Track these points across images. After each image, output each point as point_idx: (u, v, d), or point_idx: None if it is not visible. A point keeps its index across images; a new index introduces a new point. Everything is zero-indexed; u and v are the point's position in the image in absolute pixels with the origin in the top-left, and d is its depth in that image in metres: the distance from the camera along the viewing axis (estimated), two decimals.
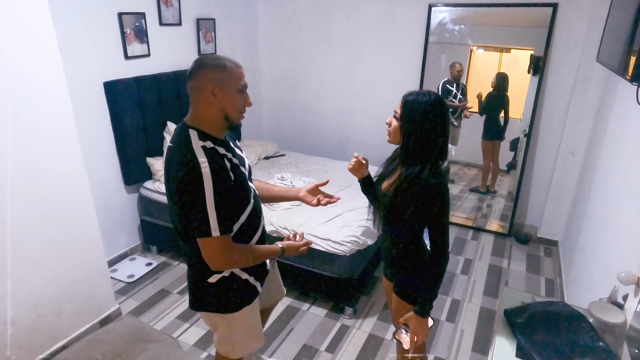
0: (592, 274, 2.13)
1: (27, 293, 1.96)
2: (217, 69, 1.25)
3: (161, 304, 2.66)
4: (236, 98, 1.29)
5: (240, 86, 1.29)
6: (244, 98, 1.32)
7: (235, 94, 1.28)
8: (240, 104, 1.31)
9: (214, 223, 1.23)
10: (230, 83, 1.27)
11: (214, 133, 1.32)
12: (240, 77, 1.29)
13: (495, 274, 3.06)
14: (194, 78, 1.27)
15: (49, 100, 1.91)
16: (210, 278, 1.41)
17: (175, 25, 3.16)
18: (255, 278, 1.51)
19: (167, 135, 3.04)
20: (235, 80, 1.28)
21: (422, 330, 1.44)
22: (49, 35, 1.86)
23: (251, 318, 1.55)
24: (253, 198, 1.44)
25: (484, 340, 2.40)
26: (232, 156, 1.36)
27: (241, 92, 1.30)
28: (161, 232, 3.06)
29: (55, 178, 2.00)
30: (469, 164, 3.92)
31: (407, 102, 1.37)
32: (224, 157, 1.31)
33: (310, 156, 3.88)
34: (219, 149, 1.30)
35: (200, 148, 1.24)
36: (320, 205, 1.67)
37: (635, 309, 1.22)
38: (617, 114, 2.31)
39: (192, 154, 1.22)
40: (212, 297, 1.44)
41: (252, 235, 1.45)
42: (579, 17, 2.95)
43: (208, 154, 1.24)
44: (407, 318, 1.46)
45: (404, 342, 1.45)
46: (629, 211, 1.73)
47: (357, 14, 3.67)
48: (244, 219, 1.39)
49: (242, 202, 1.38)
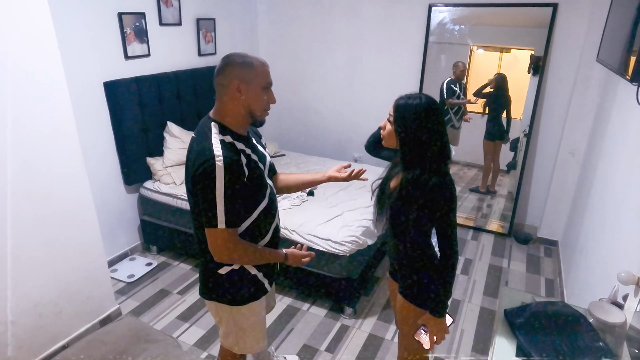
0: (592, 274, 2.13)
1: (27, 293, 1.96)
2: (244, 66, 1.29)
3: (161, 304, 2.66)
4: (261, 95, 1.33)
5: (265, 84, 1.32)
6: (268, 95, 1.35)
7: (260, 91, 1.32)
8: (265, 101, 1.35)
9: (221, 215, 1.26)
10: (256, 80, 1.30)
11: (235, 128, 1.35)
12: (266, 75, 1.33)
13: (495, 274, 3.06)
14: (221, 74, 1.30)
15: (49, 100, 1.91)
16: (221, 269, 1.44)
17: (175, 25, 3.16)
18: (264, 275, 1.52)
19: (167, 135, 3.04)
20: (261, 77, 1.31)
21: (441, 330, 1.44)
22: (49, 35, 1.86)
23: (256, 315, 1.56)
24: (269, 195, 1.45)
25: (484, 340, 2.40)
26: (252, 152, 1.38)
27: (266, 89, 1.33)
28: (161, 232, 3.07)
29: (55, 178, 2.00)
30: (469, 164, 3.92)
31: (398, 106, 1.36)
32: (242, 152, 1.33)
33: (310, 156, 3.88)
34: (237, 143, 1.33)
35: (218, 142, 1.28)
36: (353, 179, 1.68)
37: (635, 309, 1.22)
38: (617, 114, 2.31)
39: (210, 146, 1.26)
40: (220, 288, 1.47)
41: (266, 232, 1.47)
42: (579, 17, 2.95)
43: (225, 148, 1.27)
44: (424, 319, 1.46)
45: (424, 343, 1.45)
46: (629, 211, 1.73)
47: (357, 14, 3.67)
48: (257, 215, 1.41)
49: (256, 197, 1.39)
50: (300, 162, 3.67)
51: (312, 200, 2.90)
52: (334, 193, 3.03)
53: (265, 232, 1.47)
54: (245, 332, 1.57)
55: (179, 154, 3.03)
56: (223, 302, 1.49)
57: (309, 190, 3.00)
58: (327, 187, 3.13)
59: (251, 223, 1.39)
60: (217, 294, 1.49)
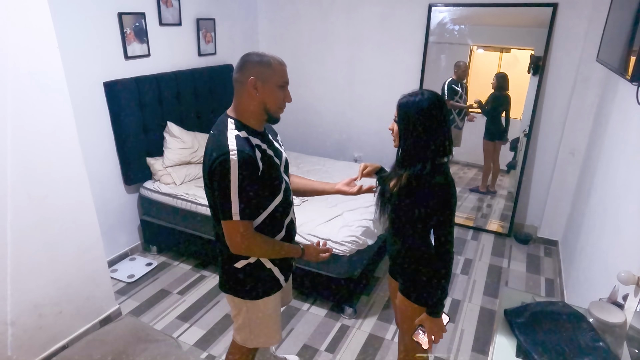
0: (592, 274, 2.13)
1: (27, 293, 1.96)
2: (261, 65, 1.32)
3: (161, 304, 2.66)
4: (277, 93, 1.37)
5: (282, 82, 1.36)
6: (284, 94, 1.39)
7: (276, 89, 1.36)
8: (280, 98, 1.39)
9: (235, 207, 1.29)
10: (273, 78, 1.34)
11: (251, 124, 1.38)
12: (283, 74, 1.37)
13: (495, 274, 3.06)
14: (239, 72, 1.34)
15: (49, 100, 1.91)
16: (237, 263, 1.47)
17: (175, 25, 3.16)
18: (280, 270, 1.53)
19: (167, 135, 3.04)
20: (278, 76, 1.35)
21: (437, 329, 1.45)
22: (49, 35, 1.86)
23: (271, 310, 1.58)
24: (284, 190, 1.47)
25: (484, 340, 2.40)
26: (268, 147, 1.41)
27: (282, 87, 1.37)
28: (161, 232, 3.07)
29: (55, 178, 2.00)
30: (469, 164, 3.92)
31: (401, 104, 1.38)
32: (257, 147, 1.36)
33: (310, 156, 3.88)
34: (253, 139, 1.36)
35: (233, 137, 1.31)
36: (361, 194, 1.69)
37: (635, 309, 1.22)
38: (617, 113, 2.31)
39: (225, 142, 1.30)
40: (236, 282, 1.50)
41: (281, 226, 1.49)
42: (579, 17, 2.95)
43: (240, 143, 1.30)
44: (421, 319, 1.46)
45: (422, 343, 1.46)
46: (629, 211, 1.73)
47: (357, 14, 3.67)
48: (273, 209, 1.43)
49: (272, 191, 1.42)
50: (300, 162, 3.67)
51: (312, 200, 2.90)
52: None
53: (281, 227, 1.49)
54: (259, 326, 1.59)
55: (179, 154, 3.03)
56: (239, 295, 1.52)
57: None
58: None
59: (267, 217, 1.42)
60: (233, 287, 1.52)
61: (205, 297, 2.72)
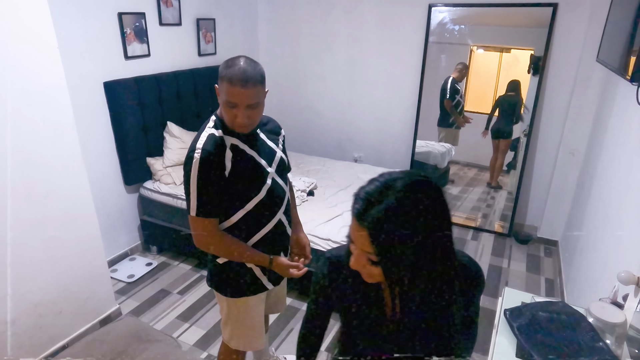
0: (592, 274, 2.13)
1: (27, 293, 1.96)
2: (220, 75, 1.29)
3: (161, 304, 2.66)
4: (225, 109, 1.31)
5: (225, 101, 1.29)
6: (233, 113, 1.29)
7: (224, 104, 1.31)
8: (230, 115, 1.31)
9: (194, 203, 1.33)
10: (221, 94, 1.31)
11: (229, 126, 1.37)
12: (228, 94, 1.26)
13: (495, 274, 3.06)
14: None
15: (49, 100, 1.91)
16: (219, 258, 1.48)
17: (175, 25, 3.16)
18: (262, 272, 1.52)
19: (167, 135, 3.04)
20: (223, 93, 1.29)
21: None
22: (49, 35, 1.86)
23: (251, 311, 1.57)
24: (268, 190, 1.42)
25: (484, 340, 2.39)
26: (250, 147, 1.40)
27: (228, 105, 1.29)
28: (161, 232, 3.06)
29: (55, 178, 2.00)
30: (469, 164, 3.91)
31: (371, 221, 0.81)
32: (233, 147, 1.36)
33: (310, 156, 3.88)
34: (229, 138, 1.36)
35: (206, 135, 1.34)
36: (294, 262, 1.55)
37: (635, 309, 1.22)
38: (617, 114, 2.31)
39: (197, 140, 1.34)
40: (219, 277, 1.52)
41: (262, 225, 1.47)
42: (579, 17, 2.95)
43: (208, 142, 1.33)
44: None
45: None
46: (629, 211, 1.73)
47: (357, 14, 3.67)
48: (252, 207, 1.41)
49: (247, 191, 1.40)
50: (300, 162, 3.67)
51: (312, 200, 2.90)
52: (334, 193, 3.03)
53: (262, 226, 1.46)
54: (240, 326, 1.59)
55: (179, 154, 3.02)
56: (220, 291, 1.54)
57: (309, 190, 3.00)
58: (327, 187, 3.13)
59: (245, 215, 1.41)
60: (216, 282, 1.54)
61: (205, 297, 2.72)
